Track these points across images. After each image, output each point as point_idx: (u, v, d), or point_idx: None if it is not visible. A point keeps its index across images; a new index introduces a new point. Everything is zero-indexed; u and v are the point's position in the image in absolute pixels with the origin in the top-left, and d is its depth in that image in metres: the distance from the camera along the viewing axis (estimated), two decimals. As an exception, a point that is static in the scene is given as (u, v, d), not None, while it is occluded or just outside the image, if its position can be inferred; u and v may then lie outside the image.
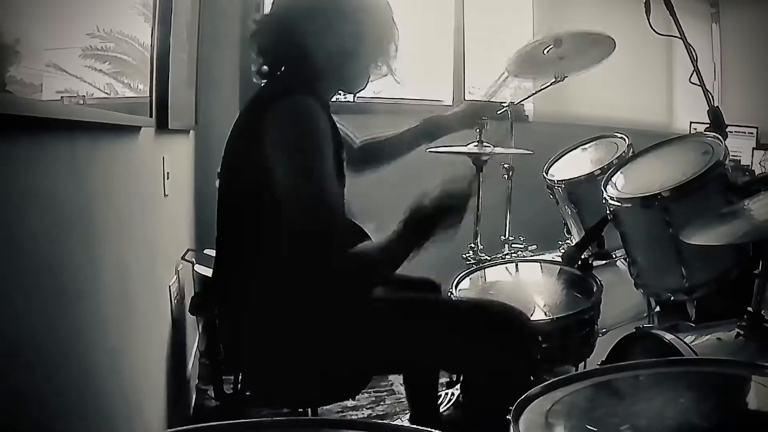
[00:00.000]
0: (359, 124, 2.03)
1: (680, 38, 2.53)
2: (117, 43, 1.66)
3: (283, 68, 1.87)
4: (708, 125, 2.47)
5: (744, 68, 4.59)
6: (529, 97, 3.68)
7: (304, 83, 1.78)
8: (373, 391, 3.11)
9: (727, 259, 2.12)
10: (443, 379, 2.77)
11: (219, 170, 1.87)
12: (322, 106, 1.76)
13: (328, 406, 2.66)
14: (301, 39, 1.79)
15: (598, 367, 1.79)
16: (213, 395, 2.74)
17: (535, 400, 1.20)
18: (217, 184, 1.90)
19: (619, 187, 2.35)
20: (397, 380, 3.17)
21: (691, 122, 4.38)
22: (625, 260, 2.51)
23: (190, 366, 2.90)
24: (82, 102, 1.35)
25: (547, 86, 3.34)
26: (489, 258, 3.05)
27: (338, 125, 1.90)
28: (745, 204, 1.83)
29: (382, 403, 3.05)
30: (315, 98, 1.74)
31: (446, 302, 2.22)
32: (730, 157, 2.22)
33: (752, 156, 4.47)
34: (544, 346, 2.18)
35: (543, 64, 3.12)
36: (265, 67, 1.88)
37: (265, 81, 1.89)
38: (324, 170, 1.67)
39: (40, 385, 1.07)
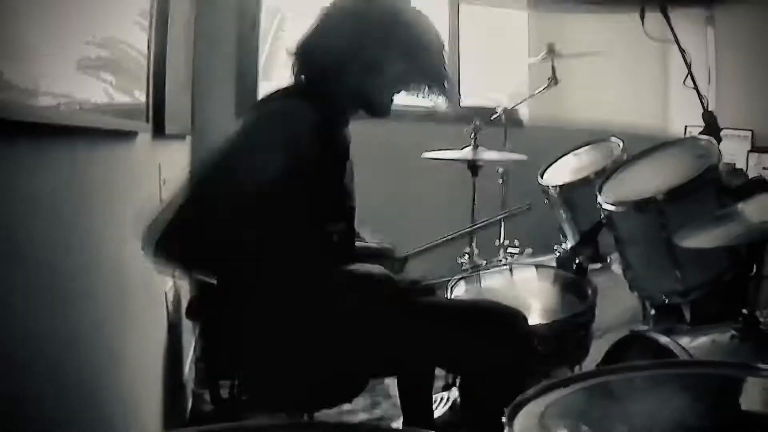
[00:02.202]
0: (356, 129, 2.03)
1: (675, 42, 2.55)
2: (114, 50, 1.66)
3: (300, 75, 1.88)
4: (702, 129, 2.48)
5: (738, 72, 4.59)
6: (523, 101, 3.70)
7: (308, 91, 1.78)
8: (369, 395, 3.10)
9: (721, 262, 2.13)
10: (439, 382, 2.77)
11: None
12: (320, 116, 1.74)
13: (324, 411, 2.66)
14: (325, 59, 1.80)
15: (593, 369, 1.80)
16: (209, 399, 2.74)
17: (530, 403, 1.20)
18: None
19: (613, 191, 2.35)
20: (393, 384, 3.16)
21: (685, 126, 4.39)
22: (620, 264, 2.52)
23: (186, 370, 2.90)
24: (79, 107, 1.35)
25: (541, 90, 3.36)
26: (485, 262, 3.06)
27: None
28: (739, 207, 1.84)
29: (378, 407, 3.05)
30: (312, 105, 1.73)
31: (443, 302, 2.22)
32: (725, 160, 2.23)
33: (747, 159, 4.48)
34: (539, 349, 2.18)
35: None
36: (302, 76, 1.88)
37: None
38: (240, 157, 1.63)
39: (37, 388, 1.07)
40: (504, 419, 1.12)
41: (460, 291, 2.55)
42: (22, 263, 1.01)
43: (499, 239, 3.37)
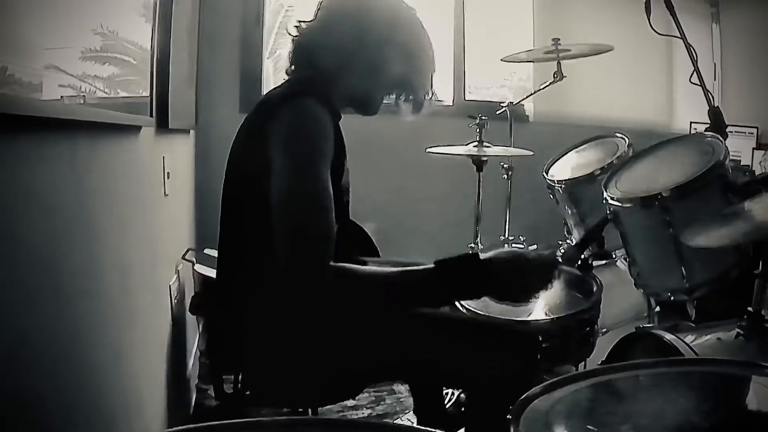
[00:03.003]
0: (360, 123, 2.03)
1: (680, 38, 2.53)
2: (117, 43, 1.66)
3: (302, 73, 1.90)
4: (708, 125, 2.47)
5: (744, 68, 4.58)
6: (528, 96, 3.69)
7: (315, 89, 1.79)
8: (373, 391, 3.11)
9: (727, 259, 2.12)
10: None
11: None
12: (329, 113, 1.76)
13: (327, 406, 2.66)
14: (328, 55, 1.83)
15: (598, 366, 1.79)
16: (213, 395, 2.74)
17: (535, 400, 1.19)
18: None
19: (619, 187, 2.34)
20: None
21: (691, 122, 4.38)
22: (625, 260, 2.51)
23: (190, 365, 2.90)
24: (82, 101, 1.35)
25: (546, 86, 3.35)
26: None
27: None
28: (746, 205, 1.83)
29: (382, 402, 3.05)
30: (322, 103, 1.74)
31: (450, 315, 2.21)
32: (731, 157, 2.22)
33: (752, 156, 4.47)
34: (544, 345, 2.17)
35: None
36: (292, 67, 1.92)
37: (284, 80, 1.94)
38: (318, 174, 1.64)
39: (40, 385, 1.07)
40: (509, 417, 1.11)
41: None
42: (23, 260, 1.01)
43: (504, 234, 3.37)
